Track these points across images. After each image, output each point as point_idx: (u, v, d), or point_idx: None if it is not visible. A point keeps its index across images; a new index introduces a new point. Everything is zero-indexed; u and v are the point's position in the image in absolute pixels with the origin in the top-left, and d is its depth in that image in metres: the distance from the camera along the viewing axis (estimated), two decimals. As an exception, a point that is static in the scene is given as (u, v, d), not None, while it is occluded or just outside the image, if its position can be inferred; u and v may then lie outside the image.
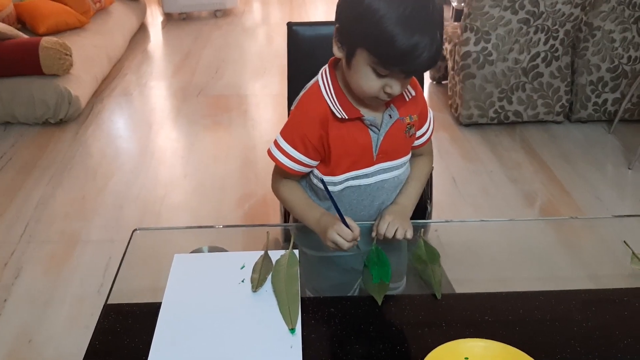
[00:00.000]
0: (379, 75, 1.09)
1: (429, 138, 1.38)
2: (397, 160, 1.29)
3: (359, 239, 1.18)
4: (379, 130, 1.23)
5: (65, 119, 3.62)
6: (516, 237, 1.47)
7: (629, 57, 3.42)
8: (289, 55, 1.62)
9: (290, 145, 1.22)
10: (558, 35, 3.31)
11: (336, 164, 1.24)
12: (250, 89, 4.32)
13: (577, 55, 3.45)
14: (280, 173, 1.30)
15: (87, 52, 4.04)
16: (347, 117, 1.19)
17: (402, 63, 1.05)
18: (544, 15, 3.22)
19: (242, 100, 4.10)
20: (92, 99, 3.97)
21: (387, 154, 1.27)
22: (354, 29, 1.08)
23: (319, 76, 1.24)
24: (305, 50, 1.60)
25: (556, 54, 3.38)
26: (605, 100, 3.53)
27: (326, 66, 1.24)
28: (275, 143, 1.25)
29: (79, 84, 3.70)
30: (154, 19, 6.02)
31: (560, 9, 3.20)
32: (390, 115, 1.23)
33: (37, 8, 4.20)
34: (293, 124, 1.24)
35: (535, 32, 3.28)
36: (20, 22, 4.22)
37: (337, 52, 1.16)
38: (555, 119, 3.58)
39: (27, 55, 3.49)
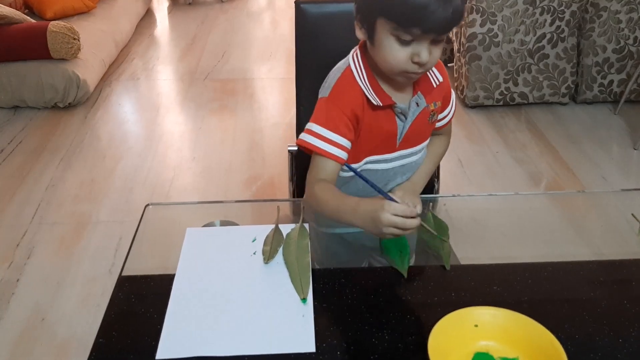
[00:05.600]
0: (404, 43, 1.06)
1: (450, 120, 1.38)
2: (417, 147, 1.30)
3: (419, 212, 1.09)
4: (406, 119, 1.22)
5: (74, 103, 3.64)
6: (523, 211, 1.49)
7: (635, 38, 3.41)
8: (297, 35, 1.61)
9: (334, 132, 1.17)
10: (564, 16, 3.31)
11: (359, 149, 1.24)
12: (256, 72, 4.33)
13: (583, 36, 3.45)
14: (318, 173, 1.19)
15: (95, 37, 4.05)
16: (381, 105, 1.17)
17: (420, 20, 1.02)
18: (550, -4, 3.22)
19: (248, 84, 4.11)
20: (100, 83, 3.99)
21: (409, 141, 1.27)
22: (369, 0, 1.08)
23: (350, 60, 1.21)
24: (313, 30, 1.59)
25: (562, 35, 3.37)
26: (611, 82, 3.52)
27: (357, 50, 1.21)
28: (311, 132, 1.18)
29: (87, 68, 3.71)
30: (160, 4, 6.02)
31: (566, -10, 3.20)
32: (417, 103, 1.22)
33: (43, -7, 4.21)
34: (331, 110, 1.19)
35: (541, 13, 3.28)
36: (28, 7, 4.23)
37: (359, 33, 1.14)
38: (561, 101, 3.58)
39: (35, 39, 3.50)
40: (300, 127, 1.68)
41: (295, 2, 1.58)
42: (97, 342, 1.01)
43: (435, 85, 1.25)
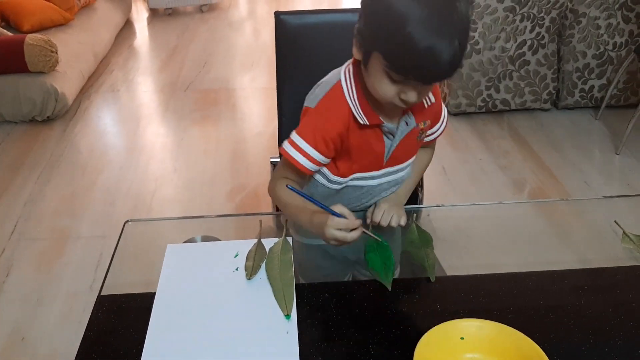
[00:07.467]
0: (393, 81, 1.03)
1: (438, 136, 1.35)
2: (404, 163, 1.29)
3: (360, 224, 1.09)
4: (394, 138, 1.21)
5: (52, 116, 3.59)
6: (507, 220, 1.48)
7: (614, 44, 3.43)
8: (277, 46, 1.60)
9: (310, 145, 1.15)
10: (544, 23, 3.33)
11: (346, 166, 1.22)
12: (238, 82, 4.31)
13: (563, 42, 3.47)
14: (286, 173, 1.22)
15: (73, 49, 4.00)
16: (368, 124, 1.15)
17: (414, 70, 1.00)
18: (529, 3, 3.23)
19: (230, 94, 4.09)
20: (79, 95, 3.94)
21: (396, 159, 1.26)
22: (372, 30, 1.03)
23: (341, 74, 1.17)
24: (293, 40, 1.59)
25: (542, 42, 3.39)
26: (592, 87, 3.54)
27: (349, 65, 1.17)
28: (292, 142, 1.17)
29: (65, 80, 3.67)
30: (140, 14, 5.97)
31: (545, -3, 3.22)
32: (406, 123, 1.20)
33: (20, 5, 4.16)
34: (314, 124, 1.17)
35: (522, 20, 3.29)
36: (4, 19, 4.17)
37: (355, 53, 1.10)
38: (543, 107, 3.59)
39: (12, 52, 3.45)
40: (282, 137, 1.67)
41: (275, 13, 1.58)
42: (76, 365, 0.99)
43: (426, 106, 1.23)
